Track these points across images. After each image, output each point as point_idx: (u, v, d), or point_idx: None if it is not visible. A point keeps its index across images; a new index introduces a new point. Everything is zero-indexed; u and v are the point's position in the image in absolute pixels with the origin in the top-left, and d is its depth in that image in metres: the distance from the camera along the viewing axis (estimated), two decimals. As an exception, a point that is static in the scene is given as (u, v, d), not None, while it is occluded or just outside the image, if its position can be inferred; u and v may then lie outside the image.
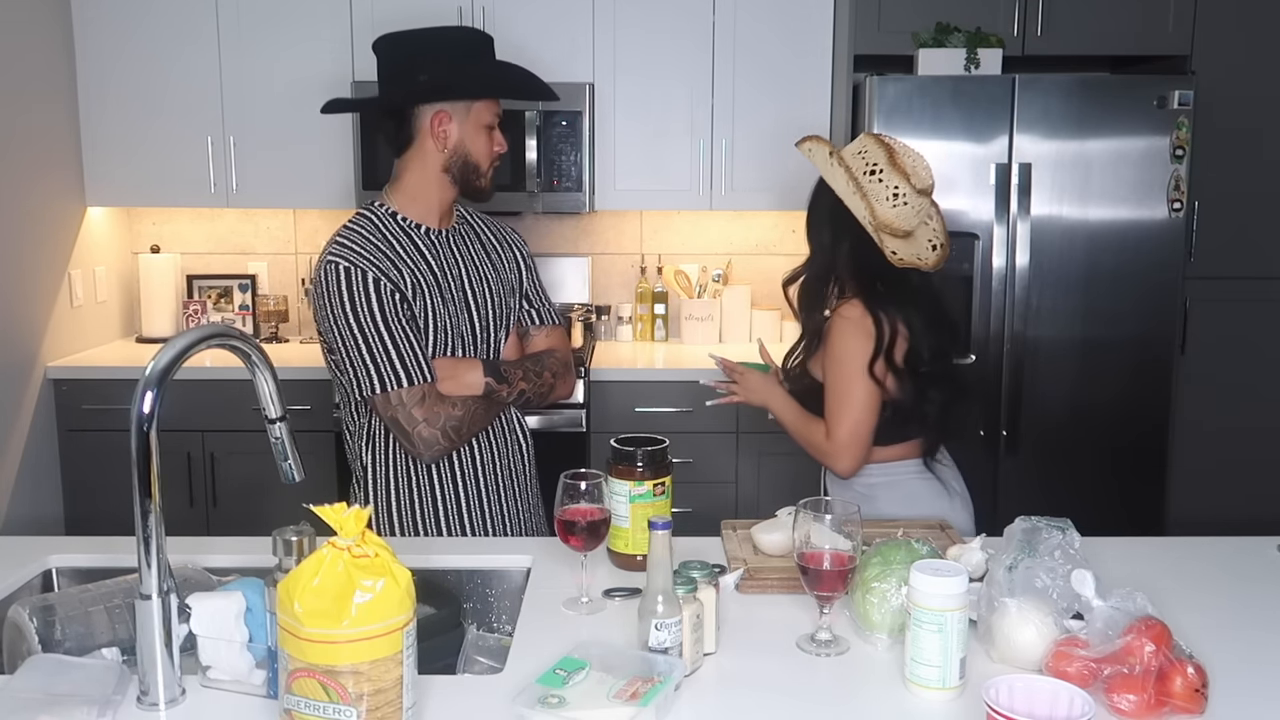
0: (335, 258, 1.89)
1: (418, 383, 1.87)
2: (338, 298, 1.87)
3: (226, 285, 4.05)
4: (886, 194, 1.98)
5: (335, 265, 1.88)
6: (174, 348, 1.26)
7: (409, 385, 1.86)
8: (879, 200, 1.98)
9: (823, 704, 1.28)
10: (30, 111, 3.42)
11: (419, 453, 1.91)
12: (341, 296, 1.86)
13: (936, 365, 2.04)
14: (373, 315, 1.86)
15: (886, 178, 1.98)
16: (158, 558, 1.24)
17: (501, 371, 1.97)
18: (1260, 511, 3.56)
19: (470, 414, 1.93)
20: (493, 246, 2.10)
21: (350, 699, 1.09)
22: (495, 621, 1.73)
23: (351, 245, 1.91)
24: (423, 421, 1.87)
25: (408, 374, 1.86)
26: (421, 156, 1.95)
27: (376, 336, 1.86)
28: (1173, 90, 3.30)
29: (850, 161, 2.01)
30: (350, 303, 1.86)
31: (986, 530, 1.64)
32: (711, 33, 3.65)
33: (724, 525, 1.86)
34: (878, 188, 1.98)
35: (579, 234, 4.06)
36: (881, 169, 1.98)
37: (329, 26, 3.61)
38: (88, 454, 3.51)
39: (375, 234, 1.94)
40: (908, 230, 2.03)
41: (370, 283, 1.87)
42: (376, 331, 1.86)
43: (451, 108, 1.93)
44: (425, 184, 1.97)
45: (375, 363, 1.86)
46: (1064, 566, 1.36)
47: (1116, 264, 3.38)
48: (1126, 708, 1.21)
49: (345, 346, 1.88)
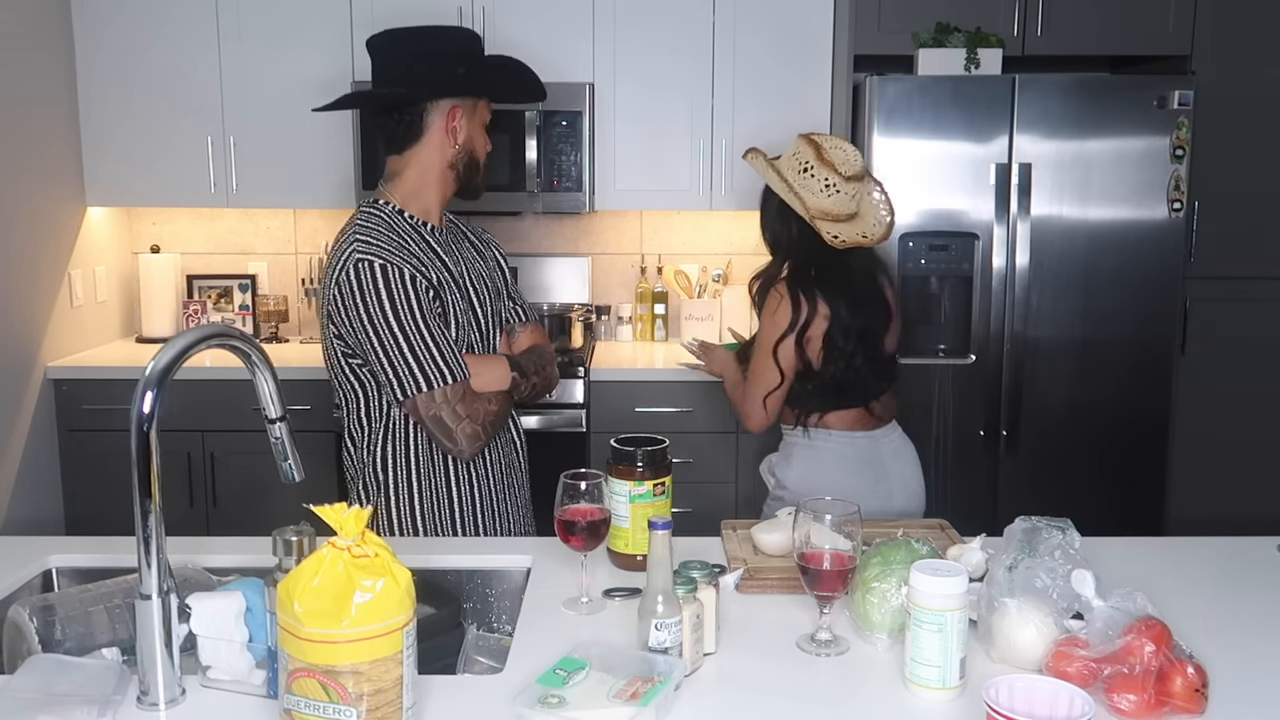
0: (366, 254, 1.84)
1: (460, 379, 1.86)
2: (374, 296, 1.82)
3: (226, 285, 4.05)
4: (819, 187, 2.21)
5: (370, 263, 1.83)
6: (174, 348, 1.26)
7: (452, 382, 1.85)
8: (814, 193, 2.22)
9: (823, 704, 1.28)
10: (30, 112, 3.42)
11: (460, 450, 1.89)
12: (380, 294, 1.82)
13: (860, 344, 2.23)
14: (412, 313, 1.83)
15: (817, 172, 2.21)
16: (158, 558, 1.24)
17: (521, 366, 1.99)
18: (1260, 511, 3.56)
19: (501, 408, 1.94)
20: (480, 247, 2.11)
21: (350, 699, 1.09)
22: (495, 621, 1.73)
23: (378, 242, 1.86)
24: (466, 418, 1.87)
25: (450, 371, 1.85)
26: (428, 153, 1.94)
27: (417, 334, 1.83)
28: (1173, 90, 3.30)
29: (785, 164, 2.26)
30: (390, 300, 1.82)
31: (986, 530, 1.64)
32: (711, 33, 3.65)
33: (724, 525, 1.86)
34: (811, 182, 2.22)
35: (579, 234, 4.06)
36: (811, 165, 2.22)
37: (329, 27, 3.61)
38: (88, 454, 3.51)
39: (391, 230, 1.91)
40: (849, 213, 2.25)
41: (407, 279, 1.83)
42: (417, 329, 1.83)
43: (462, 104, 1.93)
44: (428, 181, 1.96)
45: (419, 361, 1.83)
46: (1064, 566, 1.36)
47: (1116, 264, 3.39)
48: (1126, 708, 1.21)
49: (384, 346, 1.83)
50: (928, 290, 3.46)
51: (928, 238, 3.38)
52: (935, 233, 3.37)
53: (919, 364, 3.43)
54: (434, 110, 1.91)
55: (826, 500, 1.42)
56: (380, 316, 1.82)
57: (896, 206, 3.34)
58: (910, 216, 3.36)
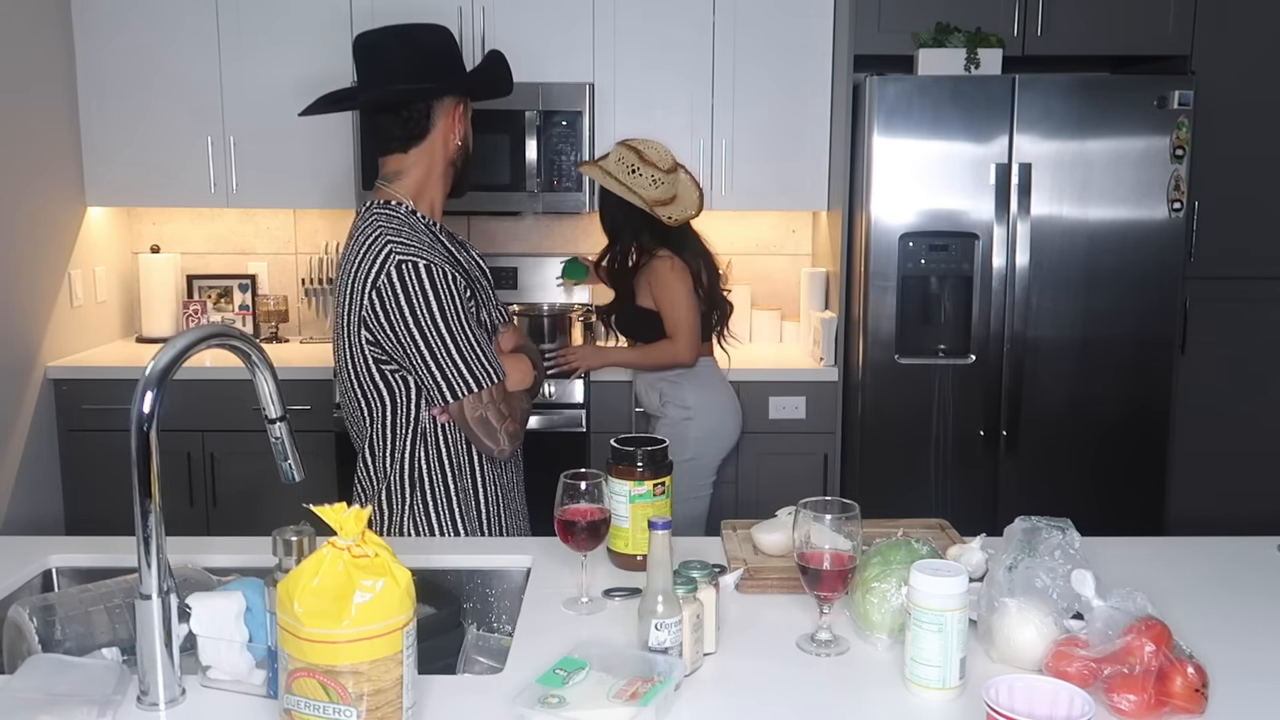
0: (407, 255, 1.80)
1: (501, 378, 1.86)
2: (420, 298, 1.79)
3: (226, 285, 4.05)
4: (647, 182, 2.87)
5: (414, 264, 1.79)
6: (174, 348, 1.26)
7: (497, 382, 1.85)
8: (644, 188, 2.87)
9: (823, 704, 1.28)
10: (30, 112, 3.42)
11: (502, 449, 1.88)
12: (426, 295, 1.79)
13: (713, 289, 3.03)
14: (457, 313, 1.81)
15: (642, 171, 2.87)
16: (158, 558, 1.24)
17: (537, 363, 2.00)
18: (1260, 511, 3.56)
19: (528, 406, 1.95)
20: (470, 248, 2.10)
21: (350, 699, 1.09)
22: (495, 621, 1.73)
23: (413, 243, 1.83)
24: (509, 417, 1.87)
25: (494, 371, 1.85)
26: (432, 151, 1.92)
27: (464, 335, 1.81)
28: (1173, 90, 3.30)
29: (614, 168, 2.88)
30: (437, 301, 1.79)
31: (986, 530, 1.64)
32: (711, 33, 3.65)
33: (724, 525, 1.86)
34: (640, 180, 2.87)
35: (579, 234, 4.06)
36: (637, 166, 2.87)
37: (329, 27, 3.61)
38: (88, 454, 3.51)
39: (414, 230, 1.87)
40: (671, 197, 2.93)
41: (450, 279, 1.81)
42: (463, 330, 1.81)
43: (463, 100, 1.94)
44: (431, 180, 1.94)
45: (466, 363, 1.81)
46: (1064, 566, 1.36)
47: (1116, 264, 3.39)
48: (1126, 708, 1.21)
49: (432, 349, 1.80)
50: (928, 290, 3.46)
51: (928, 238, 3.38)
52: (935, 233, 3.37)
53: (919, 364, 3.43)
54: (439, 107, 1.91)
55: (826, 500, 1.42)
56: (428, 318, 1.79)
57: (896, 206, 3.38)
58: (910, 216, 3.37)
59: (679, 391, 3.02)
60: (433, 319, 1.79)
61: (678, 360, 2.97)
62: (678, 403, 3.01)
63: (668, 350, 2.97)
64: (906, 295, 3.42)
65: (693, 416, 3.00)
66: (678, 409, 3.01)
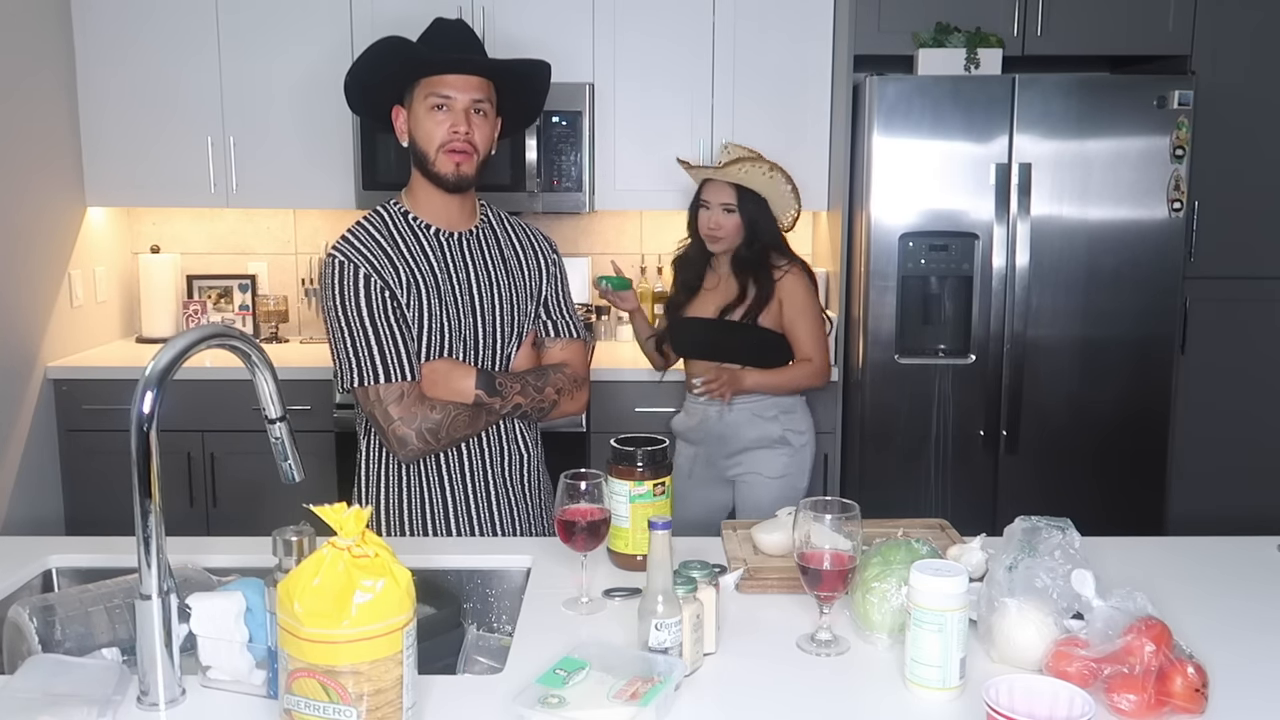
0: (334, 252, 1.94)
1: (395, 380, 1.88)
2: (331, 290, 1.92)
3: (226, 285, 4.05)
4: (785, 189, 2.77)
5: (333, 259, 1.93)
6: (174, 348, 1.26)
7: (387, 382, 1.88)
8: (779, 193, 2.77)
9: (823, 704, 1.28)
10: (30, 112, 3.42)
11: (394, 450, 1.92)
12: (333, 289, 1.91)
13: None
14: (359, 310, 1.89)
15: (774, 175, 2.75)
16: (158, 558, 1.24)
17: (496, 384, 1.94)
18: (1260, 511, 3.56)
19: (450, 419, 1.90)
20: (516, 252, 2.07)
21: (350, 699, 1.09)
22: (495, 621, 1.73)
23: (352, 241, 1.94)
24: (398, 420, 1.88)
25: (386, 371, 1.88)
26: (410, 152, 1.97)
27: (360, 331, 1.88)
28: (1173, 90, 3.30)
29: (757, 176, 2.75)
30: (340, 296, 1.90)
31: (986, 530, 1.64)
32: (711, 33, 3.65)
33: (724, 525, 1.86)
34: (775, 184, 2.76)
35: (579, 234, 4.06)
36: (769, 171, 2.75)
37: (329, 27, 3.61)
38: (88, 454, 3.51)
39: (382, 230, 1.96)
40: None
41: (361, 278, 1.90)
42: (361, 326, 1.88)
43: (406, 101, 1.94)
44: (417, 182, 1.99)
45: (357, 356, 1.89)
46: (1064, 566, 1.36)
47: (1116, 264, 3.39)
48: (1126, 708, 1.21)
49: (333, 338, 1.93)
50: (928, 290, 3.46)
51: (928, 238, 3.38)
52: (935, 233, 3.37)
53: (919, 364, 3.43)
54: (396, 118, 1.97)
55: (826, 500, 1.42)
56: (333, 310, 1.91)
57: (896, 206, 3.38)
58: (910, 216, 3.36)
59: (794, 419, 2.84)
60: (335, 310, 1.91)
61: (817, 381, 2.80)
62: (796, 429, 2.83)
63: (807, 371, 2.77)
64: (906, 295, 3.42)
65: (808, 441, 2.86)
66: (796, 435, 2.83)
